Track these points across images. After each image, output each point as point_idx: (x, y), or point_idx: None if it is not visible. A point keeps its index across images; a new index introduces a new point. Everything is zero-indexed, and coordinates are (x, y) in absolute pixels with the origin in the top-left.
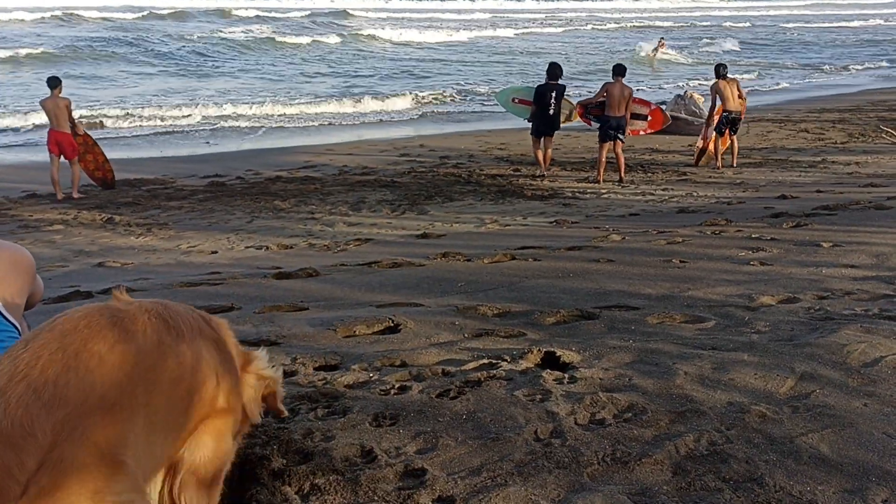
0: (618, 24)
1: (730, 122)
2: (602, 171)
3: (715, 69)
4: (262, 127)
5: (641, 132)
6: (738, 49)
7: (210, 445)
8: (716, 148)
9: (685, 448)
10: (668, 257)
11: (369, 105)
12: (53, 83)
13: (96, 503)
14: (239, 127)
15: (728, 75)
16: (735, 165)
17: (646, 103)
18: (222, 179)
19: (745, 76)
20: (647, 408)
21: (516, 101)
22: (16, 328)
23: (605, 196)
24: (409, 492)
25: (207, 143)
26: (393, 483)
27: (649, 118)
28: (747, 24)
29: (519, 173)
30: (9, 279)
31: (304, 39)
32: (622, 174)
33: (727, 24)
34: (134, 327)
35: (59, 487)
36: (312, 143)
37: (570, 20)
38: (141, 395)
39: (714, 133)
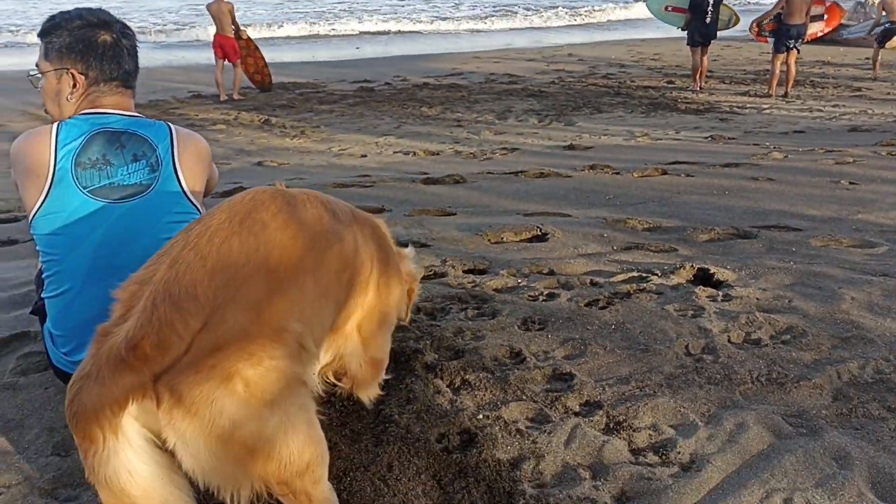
0: None
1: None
2: (775, 83)
3: None
4: (389, 32)
5: (819, 33)
6: None
7: (367, 328)
8: (874, 58)
9: (848, 374)
10: (835, 178)
11: (524, 20)
12: None
13: (252, 365)
14: (385, 33)
15: None
16: None
17: (819, 1)
18: (371, 85)
19: None
20: (808, 331)
21: (669, 8)
22: (199, 210)
23: (767, 111)
24: (557, 394)
25: (357, 48)
26: (541, 385)
27: (825, 16)
28: None
29: (672, 85)
30: (193, 167)
31: None
32: (788, 87)
33: None
34: (296, 203)
35: (219, 348)
36: (459, 50)
37: None
38: (309, 263)
39: (875, 44)
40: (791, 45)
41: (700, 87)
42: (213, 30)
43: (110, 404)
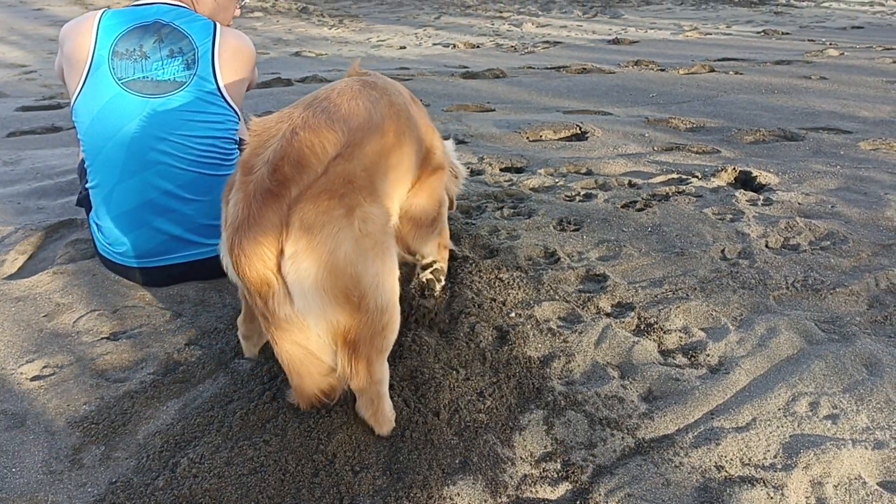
0: None
1: None
2: None
3: None
4: None
5: None
6: None
7: (424, 199)
8: None
9: (886, 282)
10: (893, 78)
11: None
12: None
13: (371, 203)
14: None
15: None
16: None
17: None
18: None
19: None
20: (849, 237)
21: None
22: (236, 113)
23: (825, 5)
24: (590, 295)
25: None
26: (574, 285)
27: None
28: None
29: None
30: (234, 67)
31: None
32: None
33: None
34: (389, 89)
35: (349, 180)
36: None
37: None
38: (402, 144)
39: None
40: None
41: None
42: None
43: (267, 244)
